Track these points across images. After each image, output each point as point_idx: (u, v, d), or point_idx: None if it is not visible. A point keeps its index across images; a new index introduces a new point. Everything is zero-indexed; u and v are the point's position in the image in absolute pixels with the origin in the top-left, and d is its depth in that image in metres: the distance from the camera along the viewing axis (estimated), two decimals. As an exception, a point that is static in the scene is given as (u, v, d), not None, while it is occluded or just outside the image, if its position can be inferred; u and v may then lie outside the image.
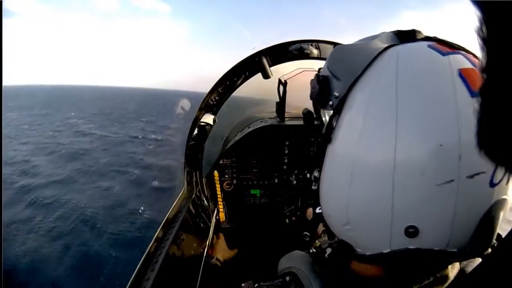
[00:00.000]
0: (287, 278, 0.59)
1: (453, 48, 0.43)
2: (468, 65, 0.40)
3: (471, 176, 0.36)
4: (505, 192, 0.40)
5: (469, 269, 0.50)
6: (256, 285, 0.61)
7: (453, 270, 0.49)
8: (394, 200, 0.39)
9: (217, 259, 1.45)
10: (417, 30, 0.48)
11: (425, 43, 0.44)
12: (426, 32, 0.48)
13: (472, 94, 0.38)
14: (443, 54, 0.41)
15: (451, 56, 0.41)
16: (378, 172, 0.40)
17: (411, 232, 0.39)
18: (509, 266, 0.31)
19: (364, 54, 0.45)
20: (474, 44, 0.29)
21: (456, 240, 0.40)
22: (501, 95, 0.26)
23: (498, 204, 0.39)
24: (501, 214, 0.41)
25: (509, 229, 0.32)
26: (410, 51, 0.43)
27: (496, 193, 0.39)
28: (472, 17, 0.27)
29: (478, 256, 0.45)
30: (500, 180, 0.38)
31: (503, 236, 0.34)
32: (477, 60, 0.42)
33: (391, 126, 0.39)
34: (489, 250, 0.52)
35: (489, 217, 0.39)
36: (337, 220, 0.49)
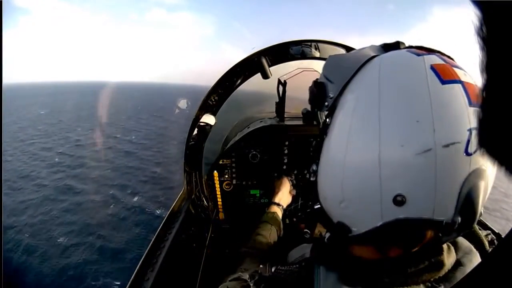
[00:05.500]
0: (303, 264, 0.62)
1: (430, 51, 0.51)
2: (440, 61, 0.47)
3: (447, 146, 0.41)
4: (482, 162, 0.43)
5: (465, 260, 0.53)
6: (273, 268, 0.64)
7: (449, 258, 0.52)
8: (382, 172, 0.45)
9: None
10: (401, 42, 0.57)
11: (406, 49, 0.52)
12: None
13: (442, 81, 0.44)
14: (419, 55, 0.49)
15: (425, 56, 0.48)
16: (366, 147, 0.46)
17: (399, 200, 0.44)
18: (509, 266, 0.31)
19: (355, 60, 0.53)
20: None
21: (442, 208, 0.44)
22: (501, 95, 0.27)
23: (476, 173, 0.43)
24: (482, 183, 0.44)
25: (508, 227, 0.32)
26: (390, 55, 0.52)
27: (473, 162, 0.43)
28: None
29: (468, 229, 0.49)
30: (475, 151, 0.42)
31: (503, 236, 0.34)
32: (450, 60, 0.50)
33: (375, 110, 0.46)
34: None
35: (469, 185, 0.43)
36: (334, 199, 0.53)
